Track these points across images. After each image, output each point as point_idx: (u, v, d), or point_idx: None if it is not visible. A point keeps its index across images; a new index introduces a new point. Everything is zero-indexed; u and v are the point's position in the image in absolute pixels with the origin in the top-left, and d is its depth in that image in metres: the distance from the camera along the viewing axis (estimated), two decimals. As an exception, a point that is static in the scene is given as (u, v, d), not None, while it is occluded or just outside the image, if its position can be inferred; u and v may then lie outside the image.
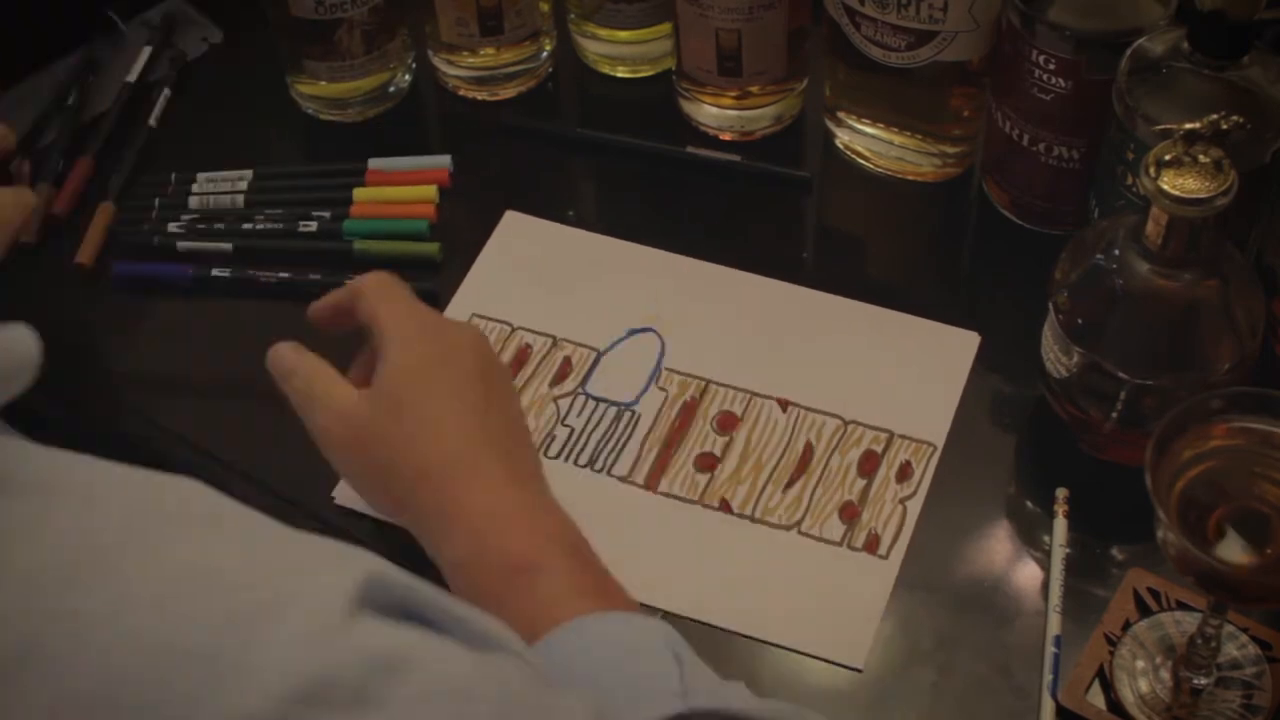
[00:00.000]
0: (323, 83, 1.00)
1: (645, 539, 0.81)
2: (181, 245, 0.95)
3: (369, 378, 0.73)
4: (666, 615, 0.78)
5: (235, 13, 1.07)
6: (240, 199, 0.97)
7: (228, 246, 0.94)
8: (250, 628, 0.41)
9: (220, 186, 0.97)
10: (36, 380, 0.46)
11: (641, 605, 0.78)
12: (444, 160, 0.98)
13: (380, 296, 0.74)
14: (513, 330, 0.90)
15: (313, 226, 0.95)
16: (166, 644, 0.40)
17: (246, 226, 0.95)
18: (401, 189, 0.97)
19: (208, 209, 0.97)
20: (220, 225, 0.95)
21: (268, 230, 0.95)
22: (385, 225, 0.95)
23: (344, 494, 0.82)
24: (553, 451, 0.84)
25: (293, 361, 0.74)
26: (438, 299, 0.91)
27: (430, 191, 0.96)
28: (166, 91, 1.03)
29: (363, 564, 0.44)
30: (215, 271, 0.93)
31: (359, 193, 0.96)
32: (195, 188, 0.97)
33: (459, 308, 0.91)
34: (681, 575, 0.80)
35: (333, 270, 0.92)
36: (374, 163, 0.98)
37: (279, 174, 0.98)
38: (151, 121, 1.01)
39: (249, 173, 0.98)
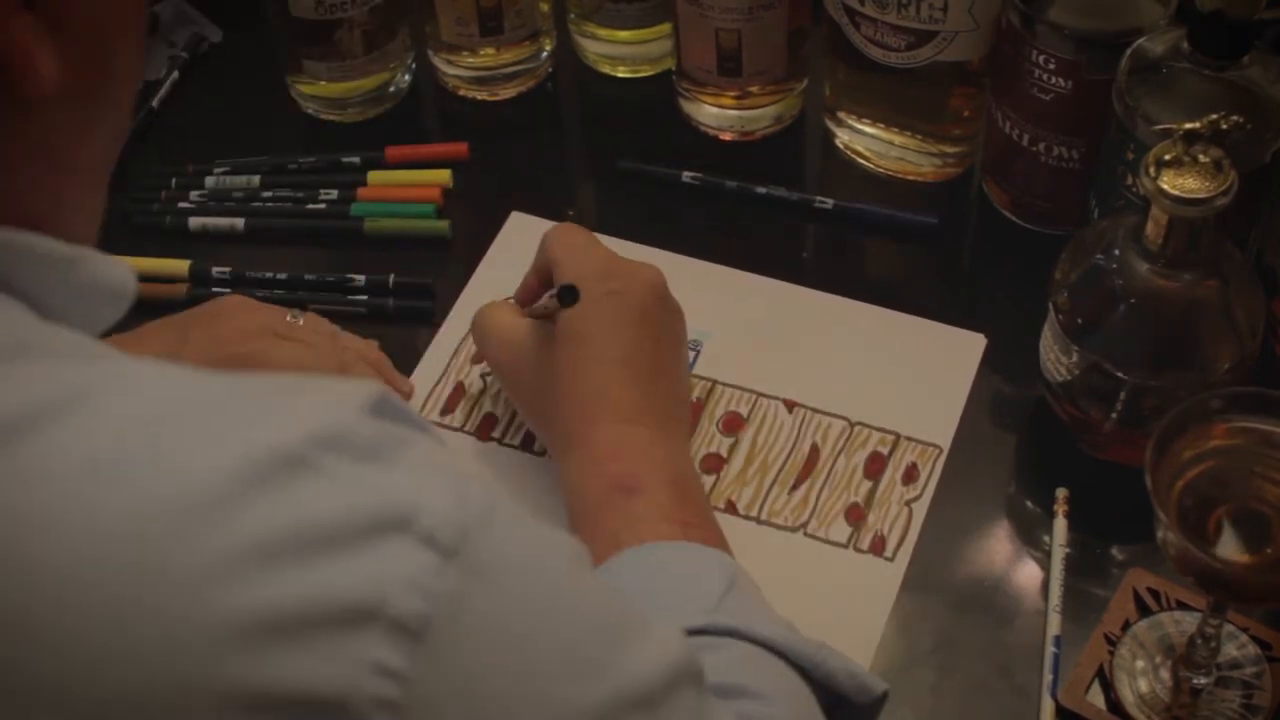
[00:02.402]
0: (323, 83, 1.00)
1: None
2: (193, 223, 0.96)
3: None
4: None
5: (235, 13, 1.07)
6: (256, 179, 0.98)
7: (239, 222, 0.95)
8: (272, 393, 0.45)
9: (236, 171, 0.99)
10: None
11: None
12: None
13: (558, 242, 0.80)
14: (515, 331, 0.90)
15: (321, 206, 0.97)
16: (194, 393, 0.44)
17: (256, 204, 0.97)
18: (412, 172, 0.98)
19: (220, 187, 0.98)
20: (230, 203, 0.97)
21: (278, 209, 0.97)
22: (393, 208, 0.96)
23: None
24: (556, 453, 0.84)
25: (479, 309, 0.84)
26: (441, 299, 0.92)
27: (442, 175, 0.97)
28: (175, 75, 1.04)
29: (373, 385, 0.47)
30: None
31: (372, 175, 0.98)
32: (213, 171, 0.99)
33: (464, 308, 0.91)
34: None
35: (342, 247, 0.95)
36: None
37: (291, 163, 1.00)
38: (154, 104, 1.02)
39: (264, 159, 0.99)
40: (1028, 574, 0.80)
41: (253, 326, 0.81)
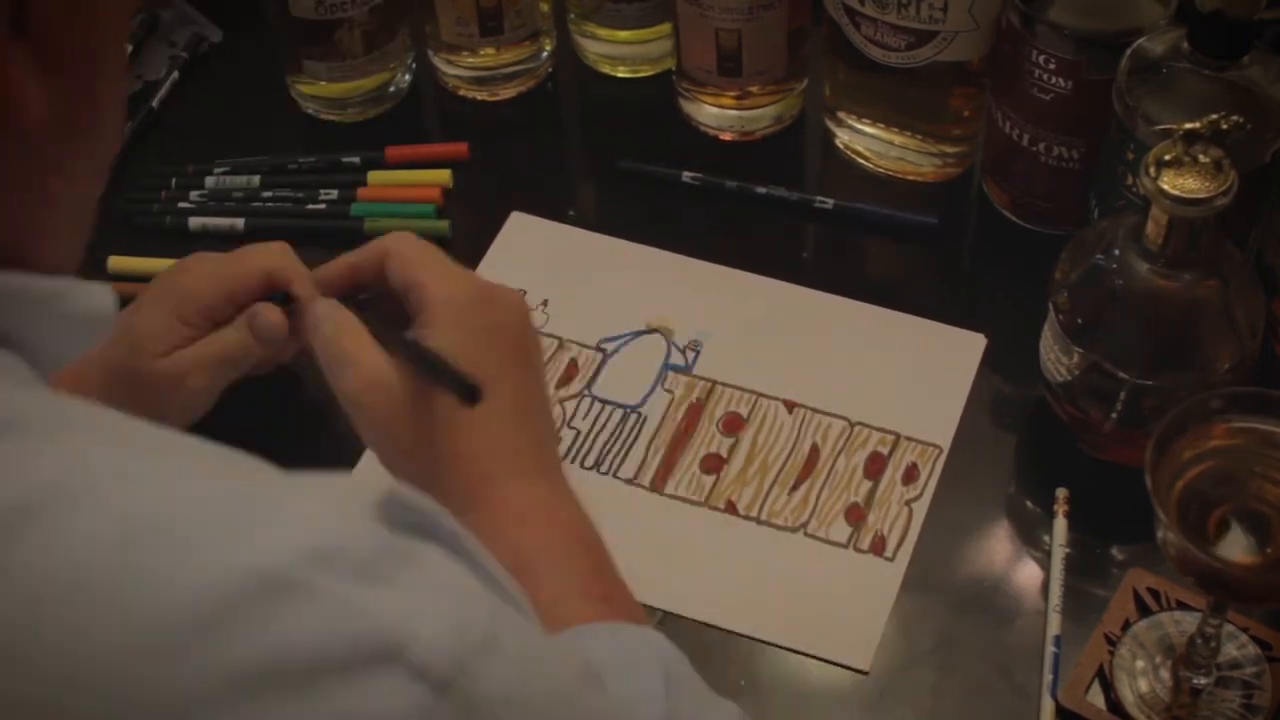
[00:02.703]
0: (323, 83, 1.00)
1: (651, 541, 0.81)
2: (193, 222, 0.96)
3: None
4: (670, 616, 0.78)
5: (235, 13, 1.07)
6: (256, 179, 0.98)
7: (239, 223, 0.96)
8: (268, 498, 0.42)
9: (236, 171, 0.99)
10: None
11: (648, 607, 0.78)
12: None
13: (417, 260, 0.71)
14: (515, 331, 0.90)
15: (321, 206, 0.97)
16: (184, 497, 0.41)
17: (256, 204, 0.97)
18: (413, 172, 0.98)
19: (220, 187, 0.98)
20: (230, 203, 0.97)
21: (278, 209, 0.97)
22: (393, 208, 0.96)
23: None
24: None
25: (325, 310, 0.71)
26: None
27: (442, 175, 0.97)
28: (175, 75, 1.04)
29: (384, 484, 0.45)
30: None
31: (372, 175, 0.98)
32: (213, 171, 0.99)
33: (461, 309, 0.91)
34: (687, 577, 0.80)
35: (342, 246, 0.94)
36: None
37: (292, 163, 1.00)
38: (154, 104, 1.02)
39: (264, 159, 0.99)
40: (1028, 574, 0.80)
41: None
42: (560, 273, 0.93)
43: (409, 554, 0.43)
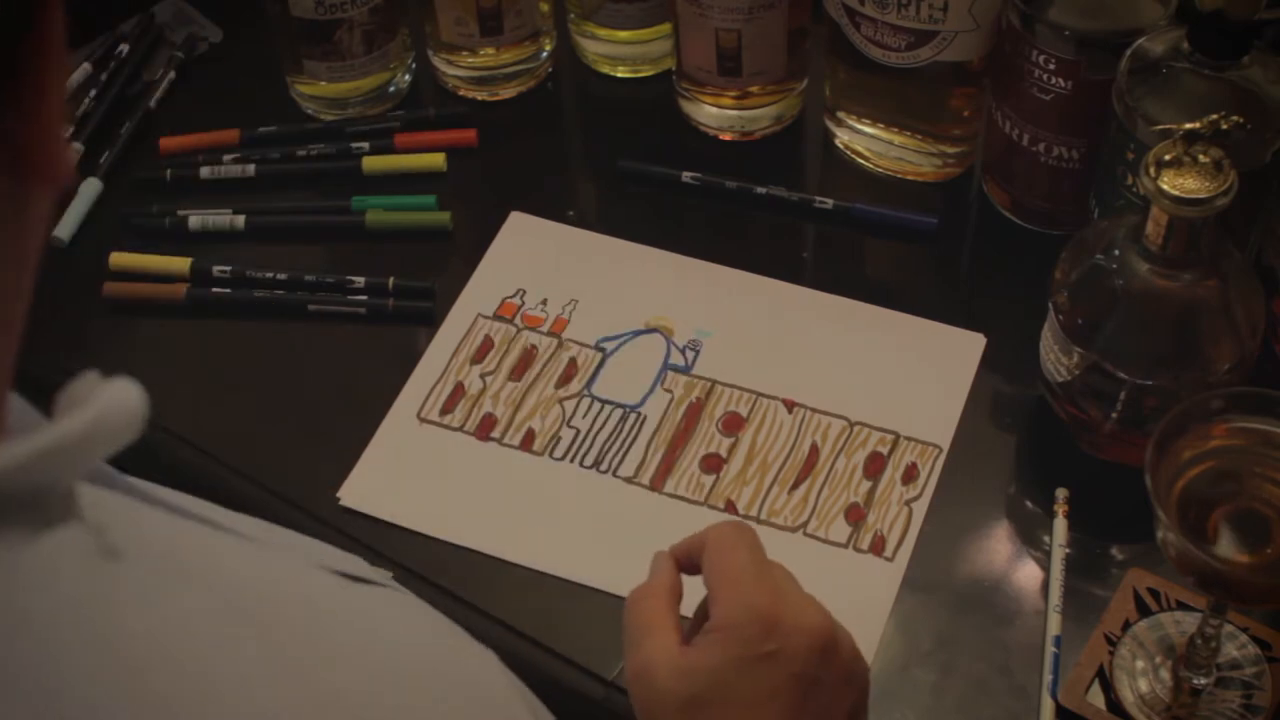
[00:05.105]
0: (323, 83, 1.00)
1: (650, 540, 0.81)
2: (193, 221, 0.95)
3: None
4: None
5: (235, 13, 1.07)
6: (251, 168, 0.98)
7: (240, 220, 0.95)
8: None
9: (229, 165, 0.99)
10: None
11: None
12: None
13: (719, 564, 0.66)
14: (518, 331, 0.90)
15: (324, 204, 0.97)
16: None
17: (256, 203, 0.97)
18: (409, 156, 0.98)
19: (216, 177, 0.98)
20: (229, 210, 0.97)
21: (278, 205, 0.97)
22: (394, 200, 0.96)
23: (349, 494, 0.82)
24: (558, 453, 0.84)
25: (661, 578, 0.69)
26: (440, 298, 0.92)
27: (436, 159, 0.98)
28: (172, 75, 1.04)
29: None
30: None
31: (367, 161, 0.98)
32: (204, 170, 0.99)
33: (464, 307, 0.91)
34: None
35: (343, 241, 0.95)
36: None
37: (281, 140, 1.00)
38: (152, 104, 1.02)
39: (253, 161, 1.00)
40: (1028, 574, 0.80)
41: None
42: (560, 272, 0.93)
43: None
